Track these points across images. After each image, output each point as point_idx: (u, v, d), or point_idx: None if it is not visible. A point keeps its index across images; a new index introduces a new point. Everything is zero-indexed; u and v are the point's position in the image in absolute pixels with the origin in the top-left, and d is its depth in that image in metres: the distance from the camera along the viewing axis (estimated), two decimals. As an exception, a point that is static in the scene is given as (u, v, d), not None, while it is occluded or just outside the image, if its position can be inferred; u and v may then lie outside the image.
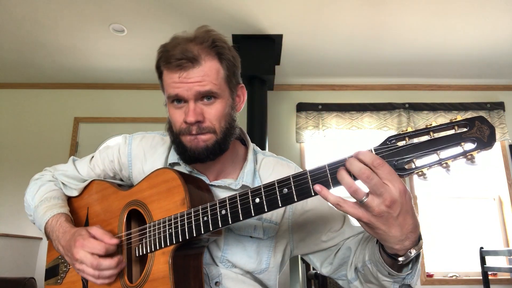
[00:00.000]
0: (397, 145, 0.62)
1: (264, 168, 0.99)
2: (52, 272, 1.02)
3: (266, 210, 0.71)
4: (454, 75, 3.86)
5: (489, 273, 3.22)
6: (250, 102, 3.35)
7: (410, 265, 0.71)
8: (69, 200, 1.06)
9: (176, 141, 0.89)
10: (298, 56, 3.52)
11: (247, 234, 0.91)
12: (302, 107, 3.87)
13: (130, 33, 3.15)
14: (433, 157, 0.61)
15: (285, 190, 0.69)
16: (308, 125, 3.80)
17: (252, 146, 1.03)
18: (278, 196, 0.69)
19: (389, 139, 0.63)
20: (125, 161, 1.02)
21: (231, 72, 0.89)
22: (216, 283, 0.89)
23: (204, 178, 0.94)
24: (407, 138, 0.62)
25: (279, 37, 3.20)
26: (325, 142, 3.79)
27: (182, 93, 0.83)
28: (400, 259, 0.66)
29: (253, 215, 0.72)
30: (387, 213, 0.60)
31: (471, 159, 0.60)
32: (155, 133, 1.06)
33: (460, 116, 0.62)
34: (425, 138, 0.62)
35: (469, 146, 0.60)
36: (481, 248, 3.01)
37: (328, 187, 0.65)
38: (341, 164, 0.65)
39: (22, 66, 3.70)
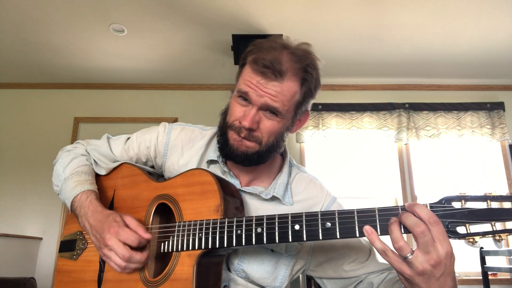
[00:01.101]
0: (453, 207, 0.62)
1: (297, 183, 0.99)
2: (68, 246, 1.01)
3: (305, 239, 0.70)
4: (454, 75, 3.86)
5: (489, 273, 3.22)
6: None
7: None
8: (96, 178, 1.03)
9: (223, 131, 0.90)
10: (298, 56, 3.51)
11: (268, 247, 0.90)
12: (302, 107, 3.86)
13: (130, 33, 3.14)
14: (486, 227, 0.60)
15: (328, 225, 0.68)
16: (308, 125, 3.80)
17: (289, 157, 1.02)
18: (320, 229, 0.69)
19: (445, 198, 0.63)
20: (162, 149, 1.01)
21: (306, 100, 0.90)
22: (224, 286, 0.88)
23: (237, 182, 0.94)
24: (463, 201, 0.62)
25: (279, 37, 3.20)
26: (325, 142, 3.79)
27: (252, 95, 0.84)
28: None
29: (290, 240, 0.71)
30: (430, 272, 0.59)
31: None
32: (195, 126, 1.06)
33: None
34: (481, 204, 0.61)
35: None
36: (481, 248, 3.00)
37: None
38: (393, 212, 0.64)
39: (22, 66, 3.70)
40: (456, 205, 0.62)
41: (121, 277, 0.86)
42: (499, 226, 0.60)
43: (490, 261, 3.06)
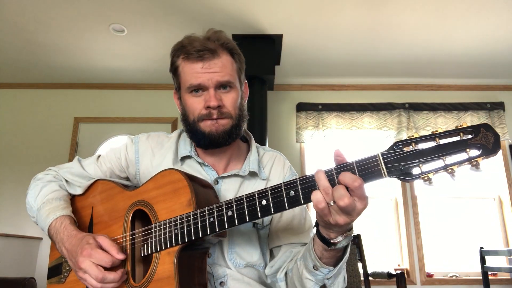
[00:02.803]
0: (404, 150, 0.64)
1: (264, 160, 1.07)
2: (55, 271, 1.02)
3: (272, 212, 0.73)
4: (454, 75, 3.86)
5: (489, 273, 3.22)
6: (250, 102, 3.31)
7: (333, 267, 0.79)
8: (73, 199, 1.05)
9: (193, 129, 0.95)
10: (298, 56, 3.52)
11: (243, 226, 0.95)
12: (302, 107, 3.87)
13: (130, 33, 3.14)
14: (438, 163, 0.63)
15: (292, 193, 0.71)
16: (308, 125, 3.80)
17: (253, 139, 1.10)
18: (285, 199, 0.71)
19: (396, 144, 0.66)
20: (133, 158, 1.04)
21: (241, 67, 1.00)
22: (221, 283, 0.90)
23: (213, 173, 0.99)
24: (413, 144, 0.64)
25: (279, 37, 3.20)
26: (325, 142, 3.79)
27: (204, 82, 0.92)
28: (337, 240, 0.73)
29: (259, 216, 0.74)
30: (349, 222, 0.68)
31: (475, 165, 0.61)
32: (159, 132, 1.11)
33: (465, 123, 0.63)
34: (431, 144, 0.64)
35: (474, 152, 0.61)
36: (481, 248, 3.01)
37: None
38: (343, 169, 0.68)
39: (22, 66, 3.70)
40: (407, 148, 0.64)
41: None
42: (449, 160, 0.62)
43: (490, 261, 3.06)
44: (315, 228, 0.77)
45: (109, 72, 3.80)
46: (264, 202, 0.73)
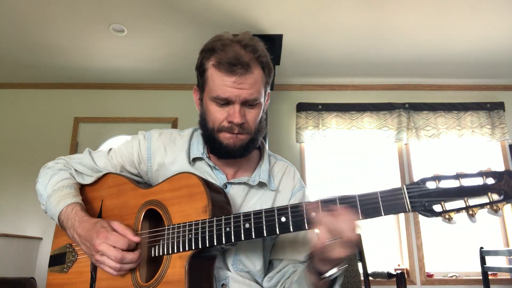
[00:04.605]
0: (427, 187, 0.65)
1: (275, 170, 1.06)
2: (58, 259, 1.01)
3: (291, 230, 0.73)
4: (454, 75, 3.86)
5: (489, 273, 3.22)
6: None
7: None
8: (82, 189, 1.04)
9: (211, 137, 0.94)
10: (298, 56, 3.52)
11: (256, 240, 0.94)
12: (302, 107, 3.87)
13: (130, 33, 3.14)
14: (460, 203, 0.64)
15: (313, 214, 0.72)
16: (308, 125, 3.80)
17: (266, 147, 1.09)
18: (305, 219, 0.72)
19: (421, 180, 0.66)
20: (145, 154, 1.03)
21: (269, 80, 0.98)
22: (222, 285, 0.90)
23: (223, 176, 0.98)
24: (437, 181, 0.65)
25: (279, 37, 3.20)
26: (325, 142, 3.79)
27: (231, 97, 0.89)
28: (332, 272, 0.75)
29: (278, 233, 0.75)
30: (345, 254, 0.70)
31: (496, 210, 0.62)
32: (171, 130, 1.10)
33: (490, 168, 0.64)
34: (454, 182, 0.65)
35: (495, 197, 0.63)
36: (481, 248, 3.01)
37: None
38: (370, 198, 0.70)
39: (22, 66, 3.70)
40: (431, 185, 0.65)
41: (113, 285, 0.87)
42: (471, 202, 0.63)
43: (490, 261, 3.06)
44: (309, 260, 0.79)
45: (109, 72, 3.80)
46: (283, 219, 0.74)
